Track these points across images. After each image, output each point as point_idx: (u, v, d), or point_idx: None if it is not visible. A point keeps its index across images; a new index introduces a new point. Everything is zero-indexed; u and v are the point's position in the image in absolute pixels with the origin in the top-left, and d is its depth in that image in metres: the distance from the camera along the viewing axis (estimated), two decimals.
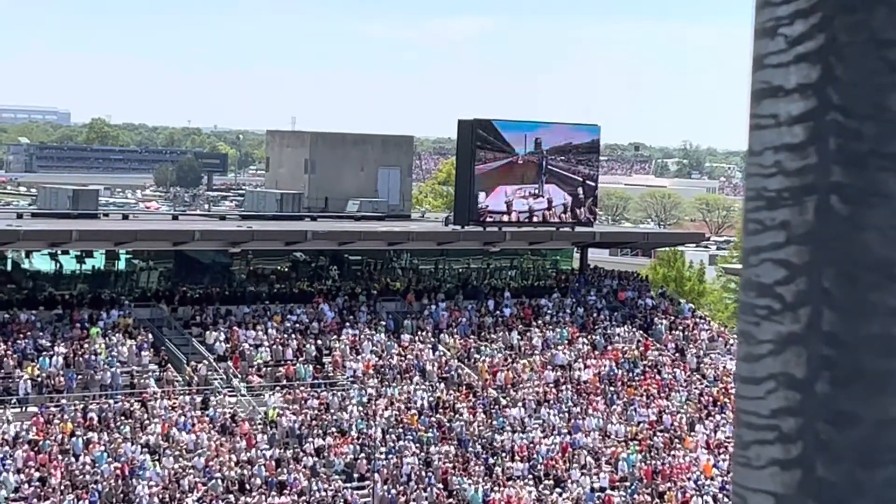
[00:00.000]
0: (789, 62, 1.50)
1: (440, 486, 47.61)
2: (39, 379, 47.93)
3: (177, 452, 45.95)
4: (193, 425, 47.63)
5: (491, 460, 49.97)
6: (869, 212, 1.45)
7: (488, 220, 61.65)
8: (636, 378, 58.43)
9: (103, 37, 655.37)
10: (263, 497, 44.57)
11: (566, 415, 54.22)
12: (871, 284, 1.45)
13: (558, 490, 49.17)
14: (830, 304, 1.46)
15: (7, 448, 44.08)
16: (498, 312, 60.48)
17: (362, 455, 48.21)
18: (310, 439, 48.48)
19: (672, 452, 53.32)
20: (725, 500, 50.47)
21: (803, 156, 1.48)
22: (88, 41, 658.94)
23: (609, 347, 60.11)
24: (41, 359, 48.78)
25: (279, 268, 60.82)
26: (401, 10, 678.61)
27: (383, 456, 48.29)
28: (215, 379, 51.20)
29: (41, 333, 50.07)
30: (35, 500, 42.01)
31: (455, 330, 58.28)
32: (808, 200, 1.48)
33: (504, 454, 50.55)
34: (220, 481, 44.99)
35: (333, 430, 49.31)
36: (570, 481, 49.90)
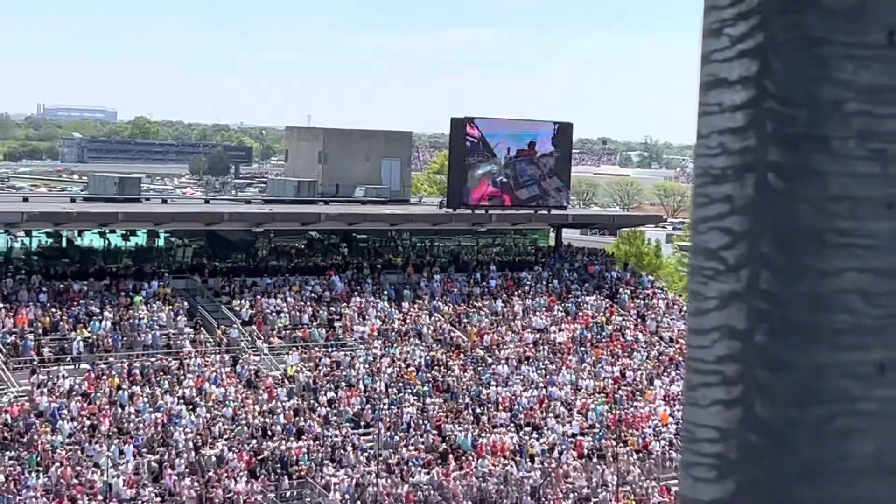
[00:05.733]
0: (733, 57, 1.49)
1: (435, 432, 47.67)
2: (90, 340, 47.90)
3: (209, 404, 45.98)
4: (223, 380, 47.64)
5: (478, 410, 50.02)
6: (801, 187, 1.46)
7: (475, 204, 61.69)
8: (603, 340, 58.44)
9: (146, 45, 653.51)
10: (283, 441, 44.62)
11: (543, 371, 54.25)
12: (803, 249, 1.45)
13: (536, 435, 49.25)
14: (767, 266, 1.46)
15: (63, 400, 44.11)
16: (485, 283, 60.45)
17: (368, 406, 48.25)
18: (323, 392, 48.52)
19: (634, 404, 53.39)
20: (680, 443, 50.53)
21: (744, 138, 1.48)
22: (133, 49, 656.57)
23: (580, 313, 60.11)
24: (92, 323, 48.75)
25: (296, 245, 60.76)
26: (400, 23, 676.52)
27: (386, 406, 48.33)
28: (242, 340, 51.18)
29: (92, 301, 50.02)
30: (87, 444, 42.05)
31: (448, 298, 58.24)
32: (749, 176, 1.48)
33: (490, 405, 50.59)
34: (245, 428, 45.04)
35: (343, 384, 49.33)
36: (546, 428, 49.96)
